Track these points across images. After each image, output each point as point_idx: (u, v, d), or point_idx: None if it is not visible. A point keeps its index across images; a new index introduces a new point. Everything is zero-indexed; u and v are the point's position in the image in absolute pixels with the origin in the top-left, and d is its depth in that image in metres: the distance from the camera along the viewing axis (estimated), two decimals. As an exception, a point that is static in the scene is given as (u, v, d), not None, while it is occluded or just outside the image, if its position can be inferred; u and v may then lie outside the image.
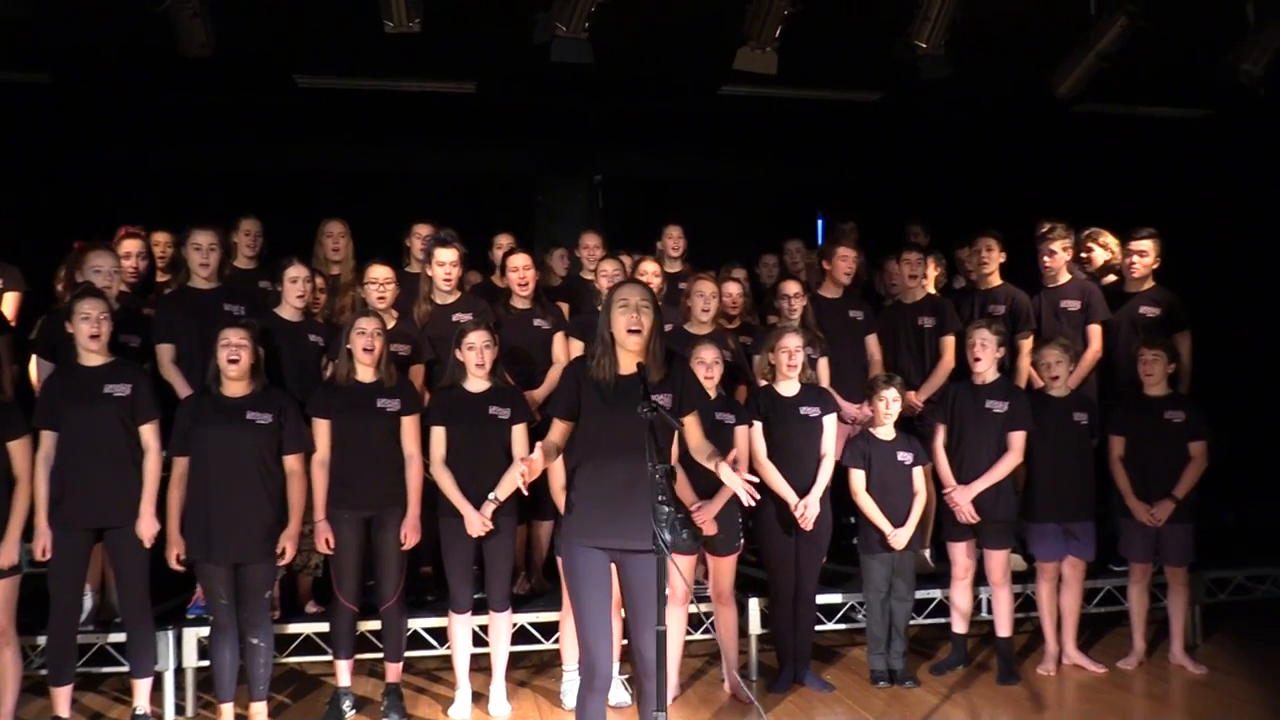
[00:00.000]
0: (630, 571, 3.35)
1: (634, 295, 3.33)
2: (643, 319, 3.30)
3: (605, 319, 3.38)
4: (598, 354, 3.38)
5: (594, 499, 3.32)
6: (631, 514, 3.27)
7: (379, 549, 4.37)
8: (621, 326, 3.31)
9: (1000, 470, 4.75)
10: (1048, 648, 4.98)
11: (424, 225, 5.76)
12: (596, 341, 3.41)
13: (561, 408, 3.40)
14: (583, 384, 3.37)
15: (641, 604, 3.33)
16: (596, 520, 3.31)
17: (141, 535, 4.10)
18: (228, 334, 4.11)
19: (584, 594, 3.31)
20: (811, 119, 7.60)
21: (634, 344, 3.31)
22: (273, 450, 4.17)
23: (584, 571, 3.32)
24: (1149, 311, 5.32)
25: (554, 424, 3.43)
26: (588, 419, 3.35)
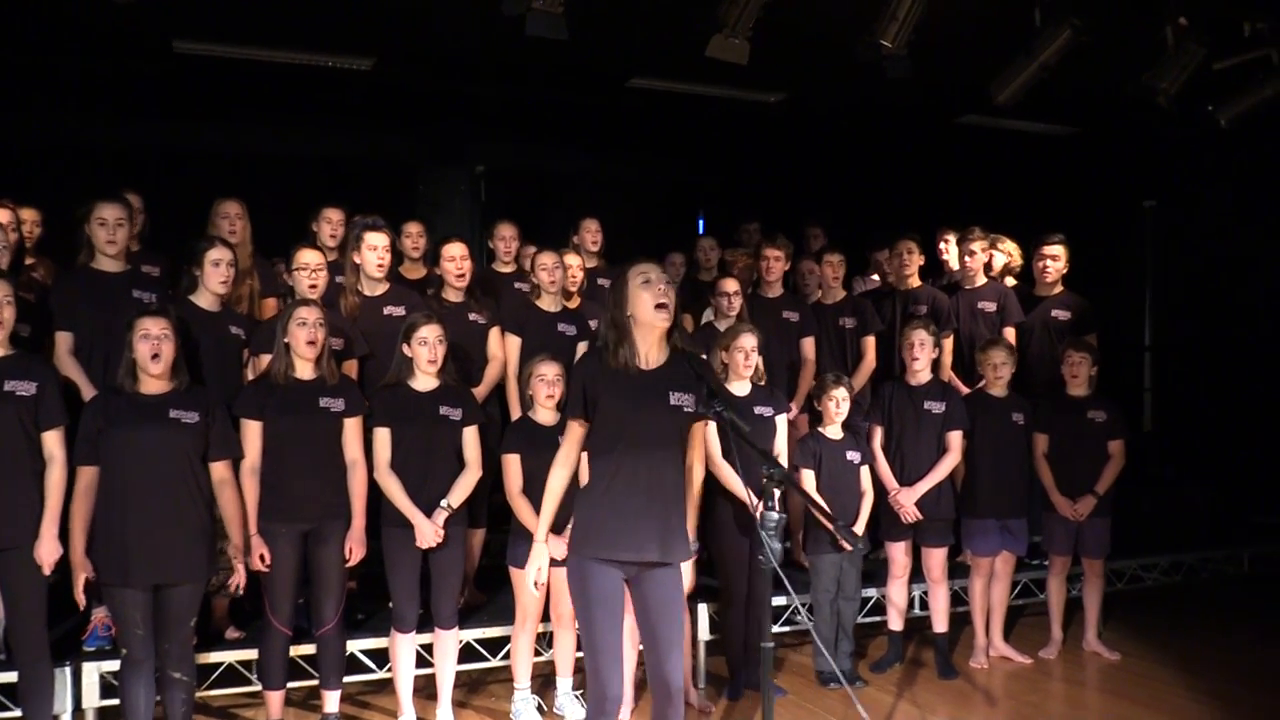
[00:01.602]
0: (649, 587, 3.09)
1: (653, 271, 3.07)
2: (669, 293, 3.06)
3: (620, 300, 3.08)
4: (611, 342, 3.08)
5: (611, 507, 3.03)
6: (653, 522, 3.05)
7: (318, 565, 3.93)
8: (648, 303, 3.02)
9: (942, 470, 4.81)
10: (977, 641, 5.11)
11: (334, 209, 5.32)
12: (606, 329, 3.13)
13: (578, 407, 3.09)
14: (598, 378, 3.09)
15: (664, 623, 3.09)
16: (614, 531, 3.03)
17: (41, 560, 3.51)
18: (146, 324, 3.56)
19: (596, 613, 3.02)
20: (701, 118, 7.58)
21: (662, 322, 3.03)
22: (199, 455, 3.66)
23: (597, 588, 3.03)
24: (1061, 315, 5.56)
25: (570, 427, 3.15)
26: (605, 417, 3.06)
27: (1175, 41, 4.78)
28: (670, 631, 3.10)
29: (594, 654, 3.02)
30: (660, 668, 3.08)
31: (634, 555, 3.04)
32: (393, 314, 4.55)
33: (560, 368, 4.25)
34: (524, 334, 4.83)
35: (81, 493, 3.54)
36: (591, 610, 3.02)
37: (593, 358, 3.15)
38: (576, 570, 3.09)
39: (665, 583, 3.10)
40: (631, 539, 3.03)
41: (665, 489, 3.06)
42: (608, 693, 3.01)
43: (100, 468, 3.54)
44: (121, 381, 3.59)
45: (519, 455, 4.16)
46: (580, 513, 3.13)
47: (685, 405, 3.09)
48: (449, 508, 4.02)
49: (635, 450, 3.02)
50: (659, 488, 3.05)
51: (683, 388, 3.09)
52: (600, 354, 3.11)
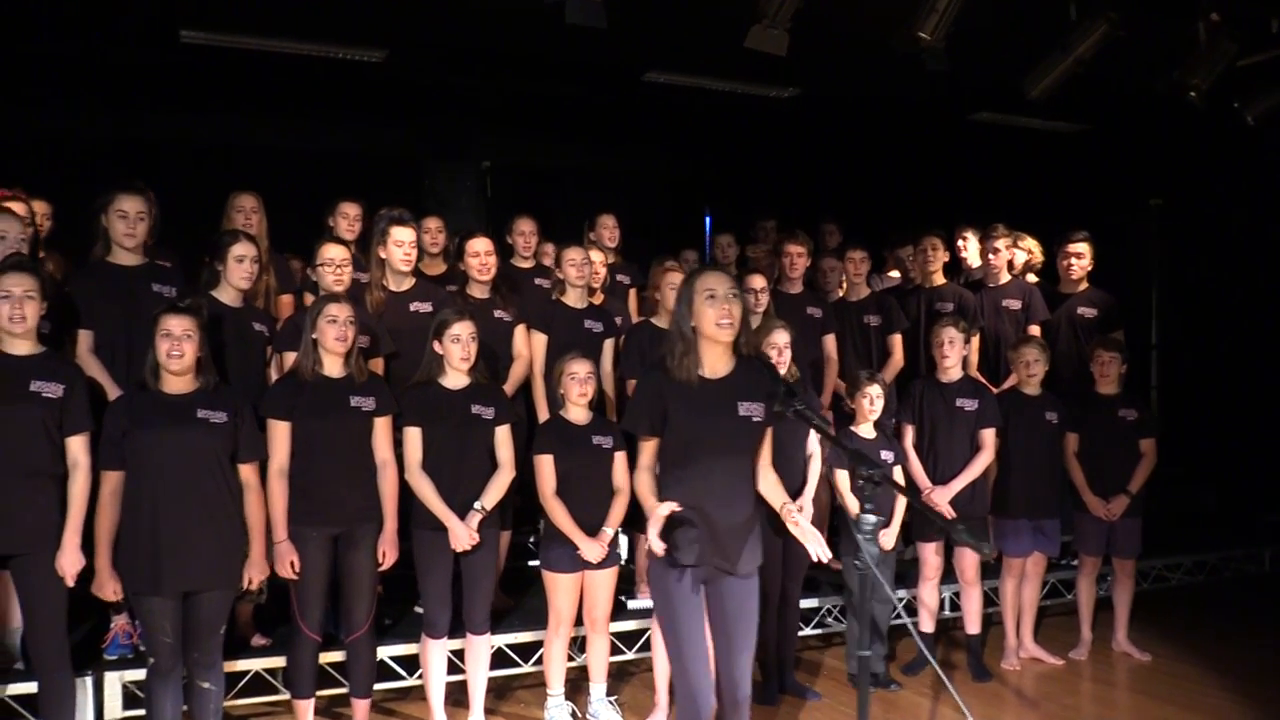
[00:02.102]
0: (724, 593, 3.05)
1: (721, 284, 2.99)
2: (733, 310, 2.98)
3: (685, 312, 3.02)
4: (677, 353, 3.02)
5: (697, 515, 2.98)
6: (732, 529, 3.01)
7: (350, 570, 3.80)
8: (710, 320, 2.97)
9: (976, 468, 4.74)
10: (1008, 642, 5.04)
11: (350, 203, 5.19)
12: (672, 339, 3.07)
13: (646, 423, 3.04)
14: (666, 391, 3.02)
15: (739, 629, 3.05)
16: (700, 539, 2.98)
17: (64, 571, 3.35)
18: (168, 323, 3.40)
19: (682, 620, 2.98)
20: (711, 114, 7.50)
21: (726, 337, 2.99)
22: (228, 455, 3.51)
23: (681, 595, 2.98)
24: (1087, 312, 5.51)
25: (642, 444, 3.09)
26: (675, 430, 3.01)
27: (1207, 38, 4.73)
28: (743, 640, 3.06)
29: (681, 658, 2.97)
30: (730, 676, 3.04)
31: (711, 562, 3.00)
32: (419, 310, 4.43)
33: (592, 365, 4.15)
34: (550, 331, 4.72)
35: (107, 499, 3.39)
36: (676, 614, 2.98)
37: (658, 371, 3.08)
38: (659, 577, 3.03)
39: (741, 590, 3.06)
40: (711, 547, 2.98)
41: (736, 500, 3.01)
42: (699, 701, 2.95)
43: (126, 471, 3.40)
44: (146, 380, 3.45)
45: (552, 456, 4.05)
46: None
47: (754, 415, 3.04)
48: (483, 510, 3.90)
49: (707, 461, 2.96)
50: (731, 497, 3.01)
51: (751, 397, 3.03)
52: (665, 366, 3.05)
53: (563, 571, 4.04)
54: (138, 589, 3.36)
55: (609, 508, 4.10)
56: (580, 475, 4.06)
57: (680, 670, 3.01)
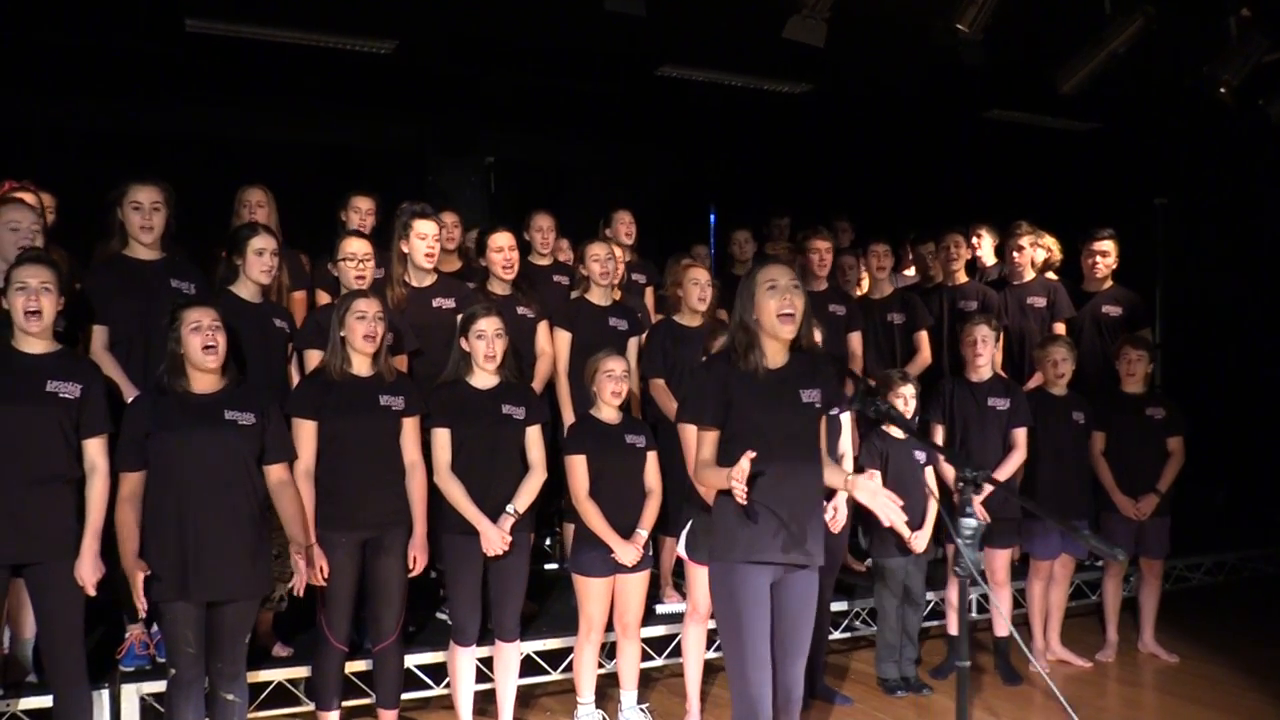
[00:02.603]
0: (790, 589, 2.97)
1: (783, 276, 2.93)
2: (795, 302, 2.91)
3: (747, 304, 2.96)
4: (740, 345, 2.95)
5: (763, 507, 2.88)
6: (801, 523, 2.91)
7: (378, 576, 3.66)
8: (772, 312, 2.91)
9: (1009, 468, 4.65)
10: (1035, 645, 4.97)
11: (363, 197, 5.06)
12: (735, 331, 2.98)
13: (709, 414, 2.95)
14: (730, 382, 2.92)
15: (798, 628, 2.98)
16: (761, 532, 2.88)
17: (83, 579, 3.20)
18: (195, 314, 3.26)
19: (749, 620, 2.88)
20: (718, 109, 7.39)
21: (788, 331, 2.92)
22: (255, 459, 3.36)
23: (749, 594, 2.89)
24: (1112, 311, 5.44)
25: (703, 436, 2.98)
26: (740, 420, 2.92)
27: (1239, 33, 4.68)
28: (802, 638, 2.99)
29: (744, 664, 2.86)
30: (785, 675, 2.97)
31: (782, 557, 2.90)
32: (442, 306, 4.30)
33: (626, 363, 4.03)
34: (575, 329, 4.59)
35: (126, 500, 3.23)
36: (743, 617, 2.87)
37: (721, 362, 3.00)
38: (725, 576, 2.93)
39: (804, 585, 2.98)
40: (778, 540, 2.89)
41: (805, 488, 2.94)
42: (759, 707, 2.85)
43: (149, 474, 3.24)
44: (168, 380, 3.29)
45: (585, 456, 3.92)
46: (723, 516, 2.96)
47: (815, 402, 3.00)
48: (516, 513, 3.78)
49: (774, 451, 2.86)
50: (800, 487, 2.94)
51: (810, 384, 2.99)
52: (728, 357, 2.98)
53: (595, 575, 3.92)
54: (161, 596, 3.20)
55: (642, 509, 3.99)
56: (613, 476, 3.94)
57: (740, 674, 2.91)
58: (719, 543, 2.97)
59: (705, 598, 4.12)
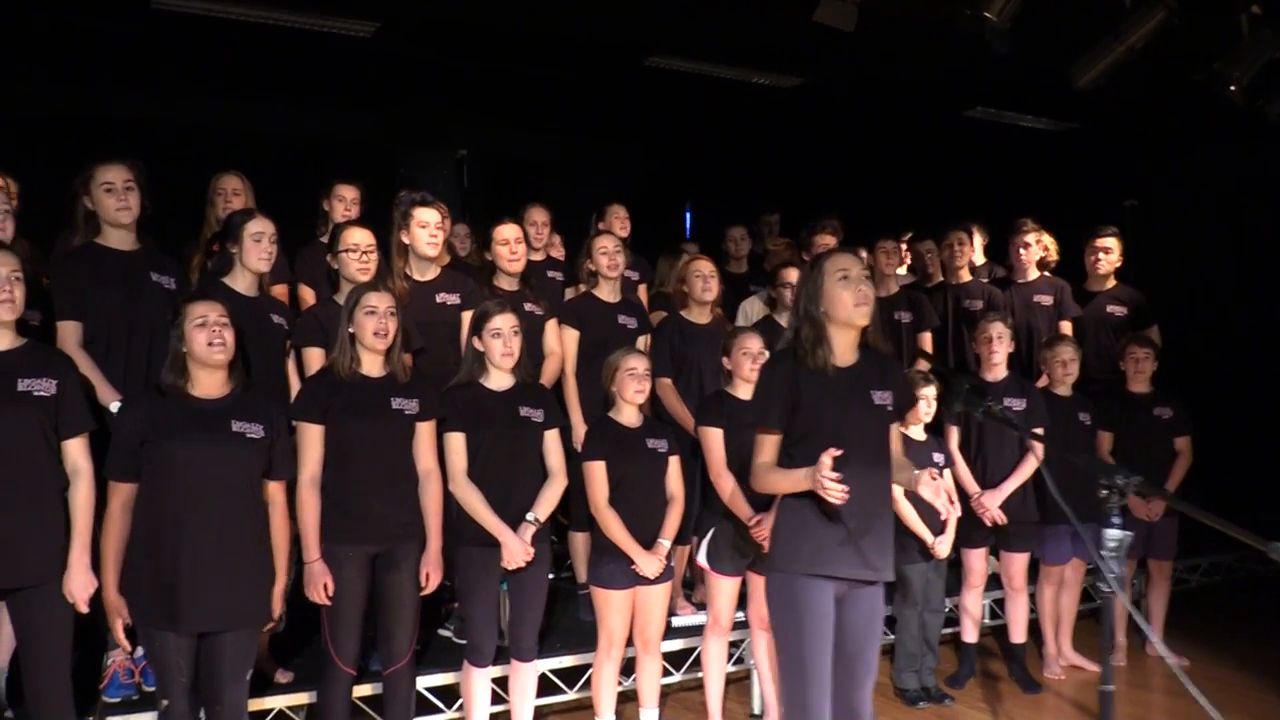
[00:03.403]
0: (856, 606, 2.76)
1: (854, 266, 2.75)
2: (869, 293, 2.72)
3: (815, 296, 2.76)
4: (807, 341, 2.74)
5: (828, 518, 2.69)
6: (868, 533, 2.71)
7: (390, 594, 3.37)
8: (846, 303, 2.71)
9: (1027, 470, 4.53)
10: (1048, 650, 4.87)
11: (348, 185, 4.77)
12: (800, 325, 2.78)
13: (776, 414, 2.74)
14: (797, 380, 2.72)
15: (866, 647, 2.78)
16: (828, 543, 2.69)
17: (74, 596, 2.89)
18: (202, 309, 2.96)
19: (810, 639, 2.67)
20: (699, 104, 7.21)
21: (863, 321, 2.74)
22: (260, 474, 3.06)
23: (812, 609, 2.68)
24: (1117, 310, 5.37)
25: (762, 440, 2.77)
26: (808, 421, 2.72)
27: (1250, 30, 4.63)
28: (869, 656, 2.79)
29: (802, 682, 2.66)
30: (851, 695, 2.78)
31: (849, 570, 2.70)
32: (446, 301, 4.02)
33: (648, 362, 3.81)
34: (583, 326, 4.36)
35: (116, 514, 2.92)
36: (804, 633, 2.67)
37: (788, 359, 2.79)
38: (785, 588, 2.72)
39: (871, 602, 2.78)
40: (846, 552, 2.69)
41: (875, 497, 2.73)
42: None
43: (142, 486, 2.93)
44: (169, 381, 2.98)
45: (604, 462, 3.69)
46: (786, 525, 2.76)
47: (887, 404, 2.81)
48: (537, 522, 3.53)
49: (843, 455, 2.63)
50: (870, 494, 2.73)
51: (882, 385, 2.81)
52: (794, 354, 2.77)
53: (616, 588, 3.69)
54: (149, 623, 2.88)
55: (664, 517, 3.77)
56: (634, 483, 3.72)
57: (797, 696, 2.71)
58: (779, 552, 2.77)
59: (727, 610, 3.95)
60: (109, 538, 2.91)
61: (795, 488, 2.65)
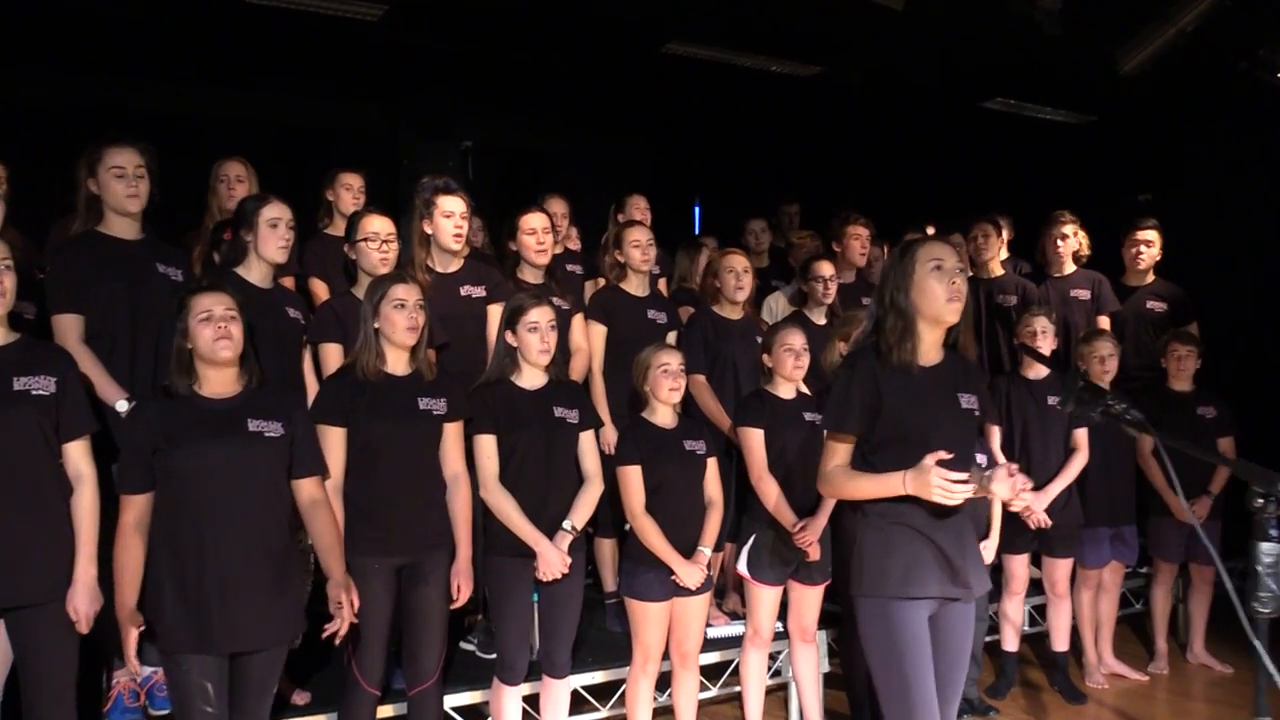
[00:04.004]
0: (947, 624, 2.56)
1: (949, 256, 2.53)
2: (962, 287, 2.51)
3: (903, 286, 2.53)
4: (892, 336, 2.52)
5: (915, 534, 2.47)
6: (961, 549, 2.52)
7: (418, 608, 3.14)
8: (939, 296, 2.49)
9: (1072, 472, 4.35)
10: (1088, 658, 4.69)
11: (352, 174, 4.54)
12: (884, 319, 2.56)
13: (854, 420, 2.52)
14: (879, 380, 2.51)
15: (955, 668, 2.58)
16: (921, 561, 2.48)
17: (77, 612, 2.66)
18: (207, 302, 2.73)
19: (914, 665, 2.46)
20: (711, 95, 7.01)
21: (955, 316, 2.52)
22: (284, 476, 2.83)
23: (911, 635, 2.47)
24: (1156, 306, 5.19)
25: (834, 445, 2.56)
26: (891, 426, 2.50)
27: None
28: (959, 676, 2.60)
29: (910, 710, 2.43)
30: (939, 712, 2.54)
31: (941, 589, 2.49)
32: (471, 294, 3.79)
33: (682, 357, 3.59)
34: (611, 322, 4.14)
35: (130, 529, 2.68)
36: (905, 659, 2.46)
37: (868, 357, 2.56)
38: (878, 614, 2.51)
39: (964, 620, 2.58)
40: (939, 570, 2.48)
41: (963, 508, 2.50)
42: None
43: (157, 499, 2.69)
44: (176, 382, 2.74)
45: (640, 466, 3.47)
46: (871, 544, 2.54)
47: (975, 409, 2.60)
48: (573, 530, 3.31)
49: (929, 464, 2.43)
50: (959, 508, 2.48)
51: (967, 388, 2.59)
52: (875, 351, 2.55)
53: (653, 600, 3.46)
54: (175, 647, 2.64)
55: (703, 523, 3.56)
56: (672, 487, 3.50)
57: None
58: (865, 574, 2.54)
59: (768, 621, 3.76)
60: (124, 558, 2.67)
61: (889, 492, 2.43)
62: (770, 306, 5.12)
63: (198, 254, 3.94)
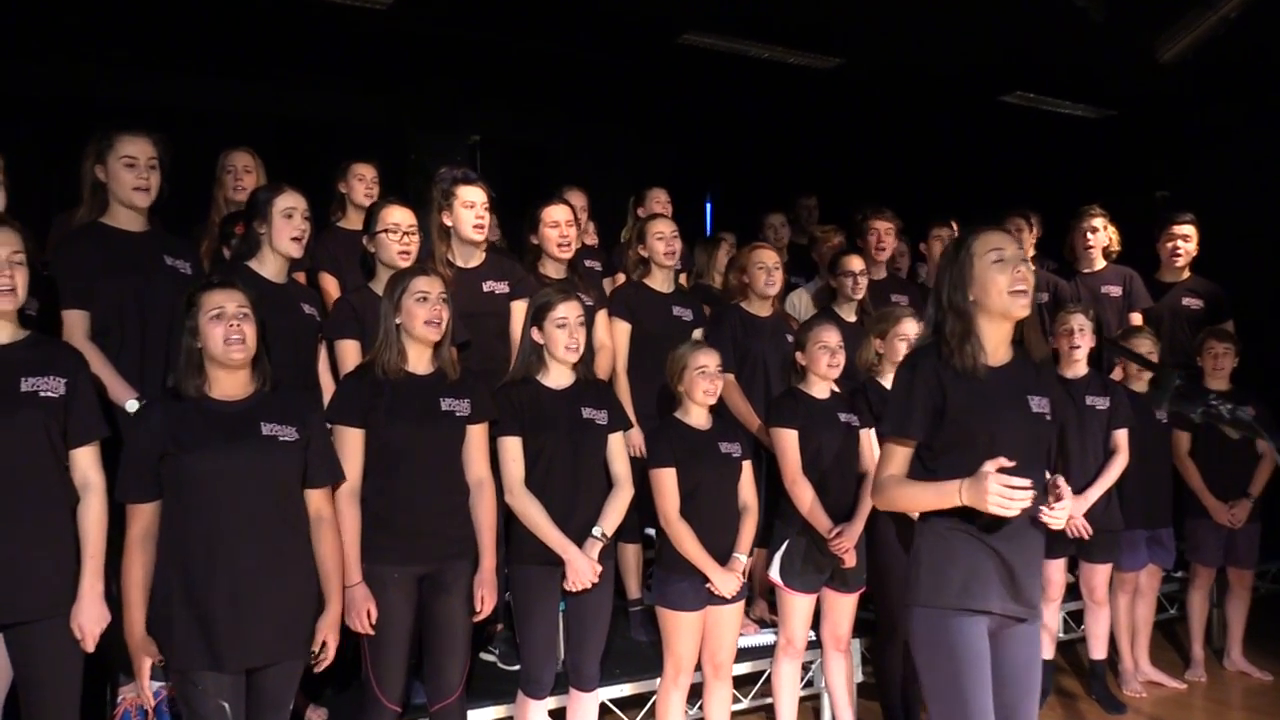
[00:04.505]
0: (1011, 648, 2.39)
1: (1009, 245, 2.37)
2: (1028, 277, 2.35)
3: (962, 281, 2.36)
4: (955, 334, 2.35)
5: (978, 542, 2.31)
6: (1025, 565, 2.35)
7: (440, 620, 2.97)
8: (1001, 288, 2.32)
9: (1113, 475, 4.18)
10: (1124, 665, 4.54)
11: (365, 165, 4.39)
12: (943, 316, 2.39)
13: (916, 423, 2.35)
14: (943, 381, 2.34)
15: (1024, 691, 2.41)
16: (983, 573, 2.31)
17: (82, 630, 2.50)
18: (219, 299, 2.56)
19: (969, 680, 2.29)
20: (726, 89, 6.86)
21: (1022, 309, 2.35)
22: (299, 483, 2.67)
23: (969, 649, 2.30)
24: (1192, 304, 5.04)
25: (892, 450, 2.39)
26: (956, 431, 2.33)
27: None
28: (1028, 704, 2.41)
29: None
30: None
31: (1002, 605, 2.32)
32: (495, 290, 3.62)
33: (719, 358, 3.43)
34: (636, 319, 3.98)
35: (137, 543, 2.51)
36: (962, 675, 2.29)
37: (930, 357, 2.39)
38: (935, 625, 2.34)
39: (1029, 643, 2.40)
40: (1001, 584, 2.31)
41: (1030, 520, 2.33)
42: None
43: (164, 508, 2.52)
44: (184, 383, 2.57)
45: (674, 469, 3.31)
46: (929, 551, 2.37)
47: (1045, 412, 2.41)
48: (604, 537, 3.15)
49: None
50: (1024, 518, 2.31)
51: (1038, 390, 2.41)
52: (937, 351, 2.37)
53: (687, 609, 3.31)
54: (187, 664, 2.47)
55: (738, 529, 3.40)
56: (707, 491, 3.34)
57: None
58: (923, 585, 2.38)
59: (801, 630, 3.60)
60: (131, 572, 2.50)
61: (945, 503, 2.26)
62: (794, 304, 4.97)
63: (205, 250, 3.77)
